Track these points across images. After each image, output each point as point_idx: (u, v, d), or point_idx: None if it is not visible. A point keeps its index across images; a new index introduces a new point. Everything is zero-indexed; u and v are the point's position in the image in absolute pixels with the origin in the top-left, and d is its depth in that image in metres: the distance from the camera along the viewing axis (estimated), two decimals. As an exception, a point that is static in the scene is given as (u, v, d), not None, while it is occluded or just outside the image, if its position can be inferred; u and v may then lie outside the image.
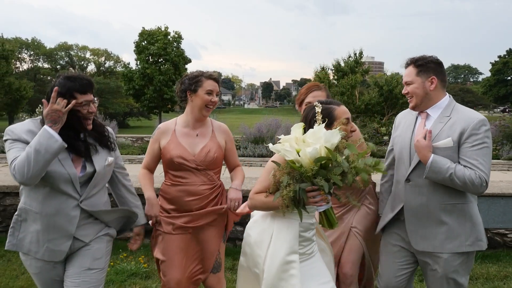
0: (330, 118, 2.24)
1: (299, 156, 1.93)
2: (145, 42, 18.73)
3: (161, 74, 18.28)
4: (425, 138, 2.25)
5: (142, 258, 4.22)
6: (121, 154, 2.59)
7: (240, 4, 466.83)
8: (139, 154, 14.48)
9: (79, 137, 2.17)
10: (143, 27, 19.26)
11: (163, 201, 2.72)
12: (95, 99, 2.16)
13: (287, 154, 1.97)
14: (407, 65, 2.42)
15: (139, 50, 18.73)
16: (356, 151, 1.98)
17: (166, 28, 19.16)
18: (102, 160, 2.22)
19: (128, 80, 18.78)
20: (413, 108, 2.42)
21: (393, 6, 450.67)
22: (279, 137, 2.04)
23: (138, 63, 18.95)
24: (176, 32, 19.41)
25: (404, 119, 2.56)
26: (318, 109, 2.28)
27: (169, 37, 19.01)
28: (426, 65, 2.34)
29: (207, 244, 2.70)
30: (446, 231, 2.30)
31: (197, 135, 2.71)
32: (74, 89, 2.06)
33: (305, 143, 1.96)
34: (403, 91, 2.43)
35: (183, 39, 19.41)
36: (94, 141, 2.23)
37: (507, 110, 53.62)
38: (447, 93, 2.39)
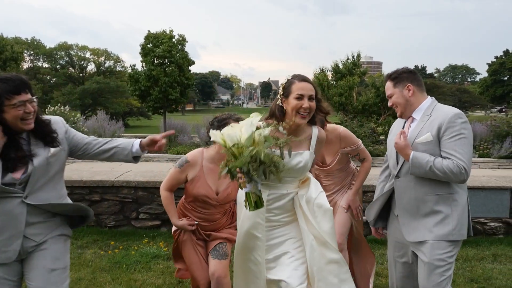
0: (286, 91, 2.34)
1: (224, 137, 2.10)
2: (151, 44, 18.86)
3: (166, 76, 18.36)
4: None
5: (162, 243, 4.71)
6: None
7: (240, 4, 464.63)
8: (146, 153, 15.01)
9: (14, 145, 2.08)
10: (149, 30, 19.49)
11: (184, 216, 3.01)
12: (34, 98, 2.08)
13: (210, 135, 2.19)
14: (385, 81, 2.64)
15: (145, 52, 18.82)
16: (271, 143, 2.10)
17: (171, 31, 19.34)
18: (44, 154, 2.15)
19: (135, 81, 19.11)
20: (401, 116, 2.62)
21: (393, 6, 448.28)
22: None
23: (144, 65, 19.18)
24: (180, 35, 19.60)
25: (397, 125, 2.75)
26: (283, 82, 2.40)
27: (173, 40, 19.14)
28: (399, 77, 2.55)
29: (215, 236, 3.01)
30: (433, 220, 2.43)
31: None
32: (6, 91, 1.98)
33: (239, 129, 2.10)
34: (389, 104, 2.62)
35: (187, 41, 19.55)
36: (37, 140, 2.15)
37: (503, 110, 54.10)
38: (429, 96, 2.58)
